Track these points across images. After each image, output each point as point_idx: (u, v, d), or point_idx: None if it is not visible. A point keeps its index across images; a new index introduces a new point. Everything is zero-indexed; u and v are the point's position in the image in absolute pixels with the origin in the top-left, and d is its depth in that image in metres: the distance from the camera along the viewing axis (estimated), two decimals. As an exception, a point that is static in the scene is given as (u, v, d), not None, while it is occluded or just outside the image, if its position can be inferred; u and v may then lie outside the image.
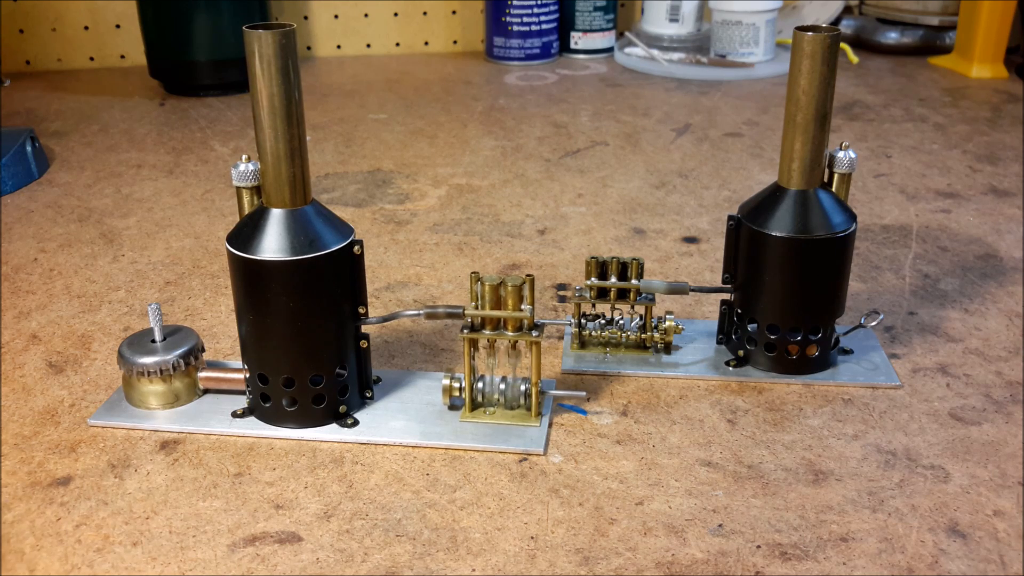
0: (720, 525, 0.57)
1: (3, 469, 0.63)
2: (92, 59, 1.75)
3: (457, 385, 0.67)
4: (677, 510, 0.59)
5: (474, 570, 0.54)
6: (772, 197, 0.70)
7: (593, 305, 0.75)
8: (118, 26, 1.73)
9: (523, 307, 0.64)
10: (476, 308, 0.65)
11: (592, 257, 0.73)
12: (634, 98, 1.52)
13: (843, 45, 1.74)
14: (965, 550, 0.55)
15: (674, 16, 1.74)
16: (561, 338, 0.79)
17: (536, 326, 0.65)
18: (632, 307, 0.75)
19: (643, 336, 0.75)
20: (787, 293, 0.70)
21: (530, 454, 0.64)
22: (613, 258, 0.72)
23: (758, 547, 0.55)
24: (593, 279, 0.73)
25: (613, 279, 0.73)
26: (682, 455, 0.64)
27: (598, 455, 0.64)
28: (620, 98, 1.52)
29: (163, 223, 1.04)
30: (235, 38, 1.50)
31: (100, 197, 1.12)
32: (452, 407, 0.69)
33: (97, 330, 0.81)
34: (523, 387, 0.67)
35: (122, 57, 1.76)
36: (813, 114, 0.67)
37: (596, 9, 1.76)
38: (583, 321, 0.75)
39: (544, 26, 1.75)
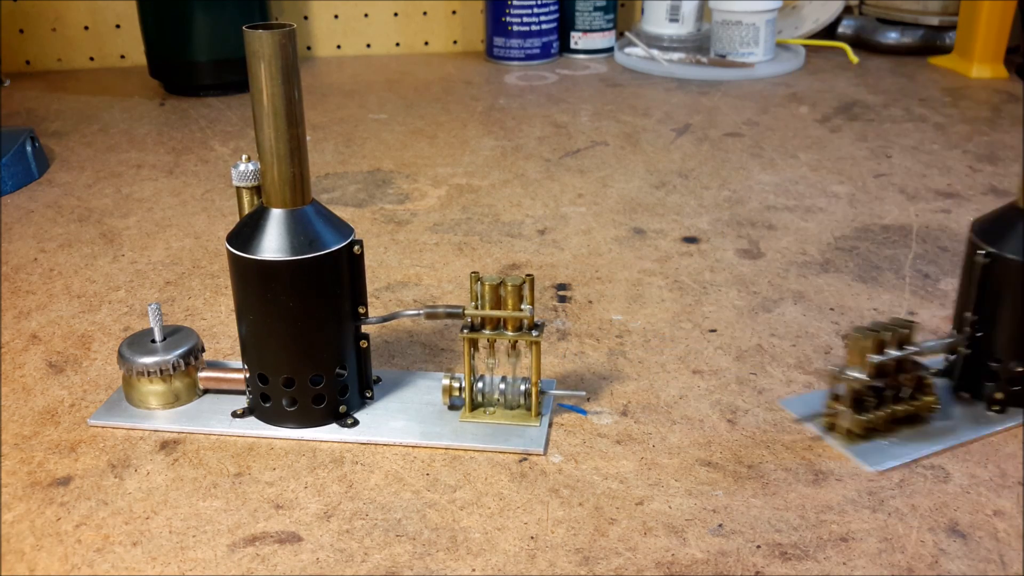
0: (720, 525, 0.57)
1: (3, 469, 0.63)
2: (92, 59, 1.75)
3: (457, 385, 0.67)
4: (677, 510, 0.59)
5: (474, 570, 0.54)
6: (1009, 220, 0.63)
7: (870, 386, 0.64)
8: (118, 26, 1.73)
9: (523, 307, 0.64)
10: (476, 308, 0.65)
11: (857, 329, 0.62)
12: (634, 98, 1.52)
13: (843, 45, 1.74)
14: (965, 550, 0.55)
15: (674, 16, 1.74)
16: (561, 338, 0.79)
17: (536, 326, 0.65)
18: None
19: (913, 405, 0.65)
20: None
21: (530, 454, 0.64)
22: (886, 328, 0.63)
23: (758, 547, 0.55)
24: (872, 356, 0.62)
25: (891, 352, 0.63)
26: (682, 455, 0.64)
27: (598, 455, 0.64)
28: (620, 98, 1.52)
29: (163, 223, 1.04)
30: (235, 38, 1.50)
31: (100, 197, 1.12)
32: (452, 407, 0.69)
33: (97, 330, 0.81)
34: (523, 387, 0.67)
35: (122, 57, 1.76)
36: None
37: (596, 9, 1.76)
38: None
39: (544, 26, 1.74)
